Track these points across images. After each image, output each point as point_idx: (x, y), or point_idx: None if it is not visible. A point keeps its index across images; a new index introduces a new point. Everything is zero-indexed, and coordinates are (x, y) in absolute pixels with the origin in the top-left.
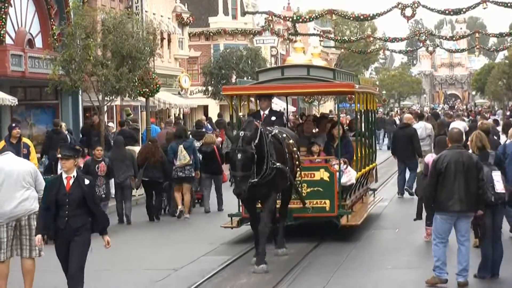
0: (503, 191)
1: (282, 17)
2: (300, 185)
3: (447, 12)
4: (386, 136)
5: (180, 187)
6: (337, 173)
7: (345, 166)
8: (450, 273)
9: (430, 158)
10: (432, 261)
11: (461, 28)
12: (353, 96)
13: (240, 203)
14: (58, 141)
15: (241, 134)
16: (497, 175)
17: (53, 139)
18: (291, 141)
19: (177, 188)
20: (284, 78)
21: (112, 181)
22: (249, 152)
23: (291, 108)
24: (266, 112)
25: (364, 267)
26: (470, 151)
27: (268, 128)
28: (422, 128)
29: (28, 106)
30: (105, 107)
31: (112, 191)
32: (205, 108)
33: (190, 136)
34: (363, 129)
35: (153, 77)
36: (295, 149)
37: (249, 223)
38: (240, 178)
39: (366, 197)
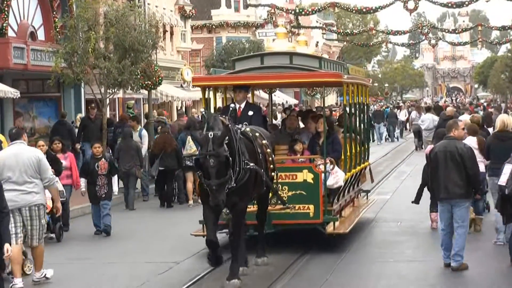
0: (504, 184)
1: (284, 10)
2: (278, 188)
3: (449, 5)
4: (387, 129)
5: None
6: (323, 174)
7: (331, 166)
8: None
9: (428, 148)
10: (435, 254)
11: (463, 21)
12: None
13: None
14: (63, 132)
15: (210, 135)
16: (507, 168)
17: (59, 131)
18: (264, 141)
19: (190, 179)
20: (264, 67)
21: (115, 179)
22: (223, 156)
23: (293, 101)
24: (242, 105)
25: (367, 260)
26: None
27: (237, 125)
28: (430, 120)
29: (31, 98)
30: (108, 99)
31: (115, 188)
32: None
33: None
34: (356, 125)
35: (156, 69)
36: (268, 150)
37: (223, 230)
38: (216, 187)
39: (358, 200)
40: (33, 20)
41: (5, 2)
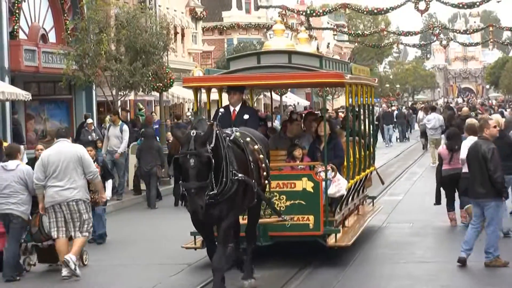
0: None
1: (295, 11)
2: (273, 197)
3: (461, 5)
4: (397, 130)
5: None
6: (323, 183)
7: (333, 173)
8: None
9: (441, 148)
10: (447, 255)
11: (475, 22)
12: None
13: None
14: (85, 133)
15: (192, 133)
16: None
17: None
18: (256, 146)
19: None
20: (261, 66)
21: (109, 183)
22: (205, 156)
23: (305, 103)
24: (237, 108)
25: (378, 261)
26: None
27: (226, 130)
28: (436, 119)
29: (42, 101)
30: (119, 101)
31: (109, 193)
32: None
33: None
34: (360, 127)
35: (167, 71)
36: (261, 156)
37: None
38: (195, 190)
39: (363, 207)
40: (44, 22)
41: (16, 5)
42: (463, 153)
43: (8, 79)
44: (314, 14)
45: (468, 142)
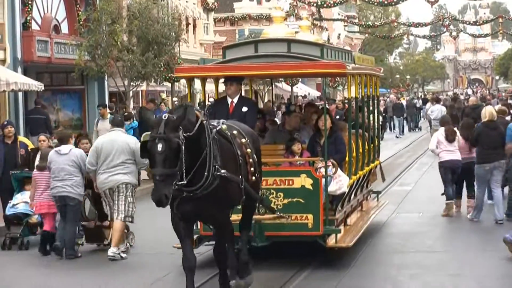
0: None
1: (306, 2)
2: (270, 195)
3: None
4: (407, 121)
5: None
6: (323, 179)
7: (333, 169)
8: None
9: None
10: (456, 244)
11: (484, 13)
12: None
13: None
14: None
15: (165, 117)
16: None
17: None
18: (243, 139)
19: None
20: (257, 56)
21: None
22: (174, 142)
23: (315, 93)
24: (235, 100)
25: (388, 250)
26: None
27: (213, 122)
28: (438, 110)
29: (55, 91)
30: (131, 92)
31: None
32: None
33: None
34: (364, 120)
35: (179, 62)
36: (249, 150)
37: (209, 242)
38: (160, 177)
39: (367, 203)
40: (57, 13)
41: None
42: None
43: (21, 69)
44: (325, 5)
45: (439, 132)
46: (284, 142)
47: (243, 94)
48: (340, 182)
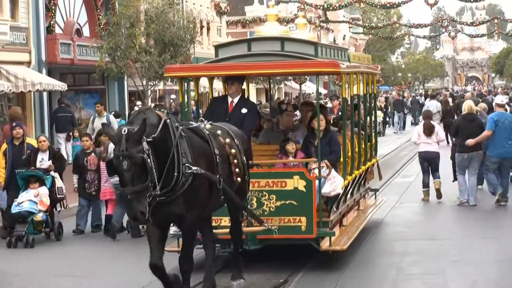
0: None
1: (313, 6)
2: (261, 197)
3: None
4: (412, 116)
5: None
6: (317, 181)
7: (327, 171)
8: None
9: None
10: (456, 232)
11: (480, 15)
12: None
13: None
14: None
15: (124, 131)
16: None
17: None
18: (227, 140)
19: None
20: (250, 54)
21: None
22: (138, 157)
23: (323, 91)
24: (236, 100)
25: (391, 238)
26: None
27: (194, 123)
28: (434, 105)
29: (77, 91)
30: (149, 91)
31: None
32: (242, 92)
33: None
34: (360, 119)
35: (194, 63)
36: (233, 151)
37: (201, 245)
38: (131, 195)
39: (364, 201)
40: (79, 17)
41: (53, 1)
42: None
43: (45, 71)
44: (331, 8)
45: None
46: (278, 142)
47: (254, 92)
48: (334, 184)
